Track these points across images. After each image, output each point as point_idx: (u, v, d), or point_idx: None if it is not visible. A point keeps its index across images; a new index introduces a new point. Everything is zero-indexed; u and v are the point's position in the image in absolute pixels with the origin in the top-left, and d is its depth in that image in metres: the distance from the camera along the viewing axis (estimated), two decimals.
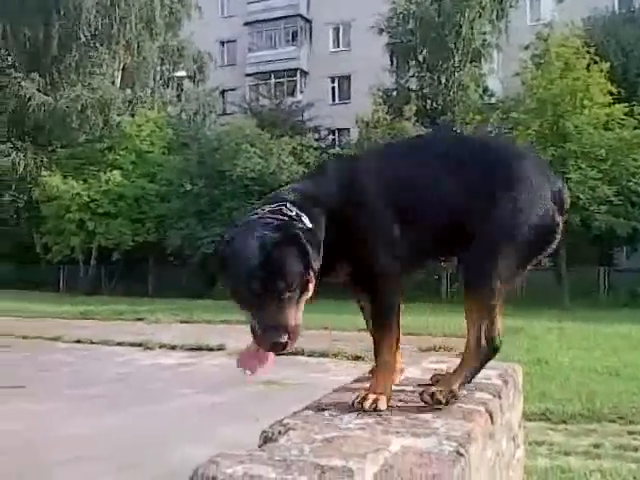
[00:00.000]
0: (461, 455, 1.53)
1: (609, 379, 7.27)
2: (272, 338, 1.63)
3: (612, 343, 10.11)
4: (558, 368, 7.86)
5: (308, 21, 37.87)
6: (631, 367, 7.94)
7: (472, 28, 25.37)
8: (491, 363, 2.14)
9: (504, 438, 2.21)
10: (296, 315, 1.68)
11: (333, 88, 36.61)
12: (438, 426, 1.71)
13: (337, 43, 37.27)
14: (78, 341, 10.41)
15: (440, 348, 8.87)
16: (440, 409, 1.81)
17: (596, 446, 4.99)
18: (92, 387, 7.07)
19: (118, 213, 26.56)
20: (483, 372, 2.54)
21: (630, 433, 5.31)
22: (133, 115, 28.70)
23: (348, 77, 35.85)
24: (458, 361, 2.07)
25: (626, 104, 19.81)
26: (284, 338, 1.63)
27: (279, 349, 1.65)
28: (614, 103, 19.77)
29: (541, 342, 10.11)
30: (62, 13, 29.45)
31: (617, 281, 22.30)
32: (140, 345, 9.75)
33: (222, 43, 39.87)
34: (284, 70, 37.31)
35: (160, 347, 9.58)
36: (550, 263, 25.36)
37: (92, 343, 10.21)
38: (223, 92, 36.69)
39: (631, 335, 11.08)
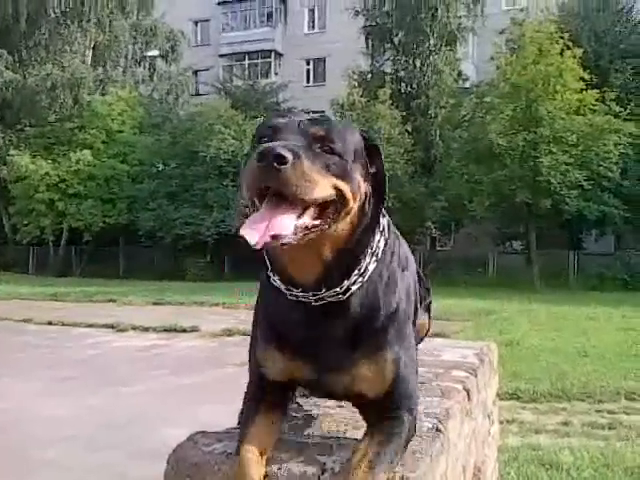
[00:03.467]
0: (440, 432, 1.55)
1: (578, 359, 7.41)
2: (275, 149, 1.16)
3: (581, 325, 10.30)
4: (529, 349, 7.99)
5: (283, 2, 37.46)
6: (599, 348, 8.10)
7: (448, 11, 25.34)
8: (468, 342, 2.15)
9: (480, 415, 2.24)
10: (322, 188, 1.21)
11: (308, 70, 36.35)
12: None
13: (312, 25, 36.95)
14: (49, 323, 10.28)
15: None
16: None
17: (565, 424, 5.10)
18: (64, 369, 6.99)
19: (88, 194, 26.16)
20: (460, 351, 2.56)
21: (598, 411, 5.44)
22: (104, 94, 28.20)
23: (323, 59, 35.61)
24: None
25: (598, 90, 20.02)
26: (288, 155, 1.16)
27: (270, 160, 1.15)
28: (586, 89, 19.97)
29: (512, 324, 10.26)
30: None
31: (586, 264, 22.69)
32: (112, 327, 9.66)
33: (195, 22, 39.25)
34: (258, 51, 36.91)
35: (132, 329, 9.50)
36: (521, 246, 25.76)
37: (63, 325, 10.09)
38: (196, 72, 36.20)
39: (599, 317, 11.30)
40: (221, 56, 37.74)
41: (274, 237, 1.16)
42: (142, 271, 25.58)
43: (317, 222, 1.23)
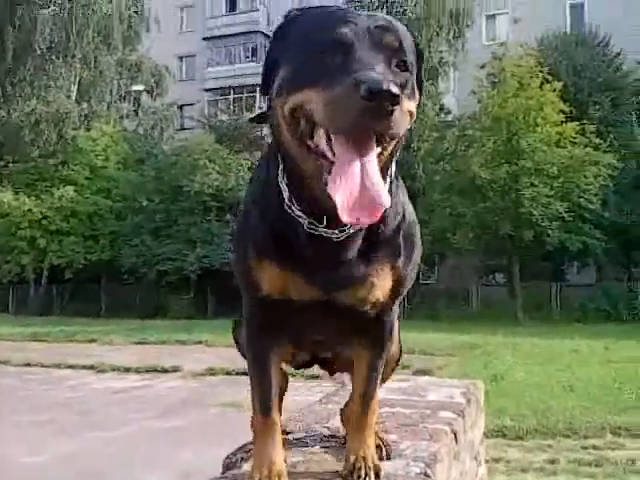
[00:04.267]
0: (428, 476, 1.54)
1: (563, 394, 7.38)
2: (390, 87, 0.99)
3: (565, 358, 10.29)
4: (513, 384, 7.94)
5: (267, 37, 37.97)
6: (583, 382, 8.08)
7: (430, 47, 25.79)
8: (454, 381, 2.14)
9: (467, 457, 2.21)
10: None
11: None
12: (405, 447, 1.70)
13: None
14: (28, 364, 10.07)
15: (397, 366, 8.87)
16: None
17: (552, 462, 5.06)
18: (42, 413, 6.84)
19: (71, 230, 25.94)
20: (446, 390, 2.53)
21: (584, 448, 5.40)
22: (89, 129, 28.21)
23: None
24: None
25: (577, 123, 20.35)
26: (392, 82, 1.02)
27: (385, 102, 0.99)
28: (566, 122, 20.28)
29: (497, 358, 10.22)
30: (17, 25, 28.86)
31: (569, 296, 22.79)
32: (92, 368, 9.50)
33: (181, 58, 39.64)
34: (243, 86, 37.25)
35: (113, 370, 9.34)
36: (503, 279, 25.85)
37: (42, 366, 9.90)
38: (181, 107, 36.41)
39: (583, 350, 11.30)
40: (206, 90, 38.04)
41: (372, 210, 1.06)
42: (124, 309, 25.29)
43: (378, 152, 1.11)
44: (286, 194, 1.24)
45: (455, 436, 1.95)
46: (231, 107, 36.12)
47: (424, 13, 25.50)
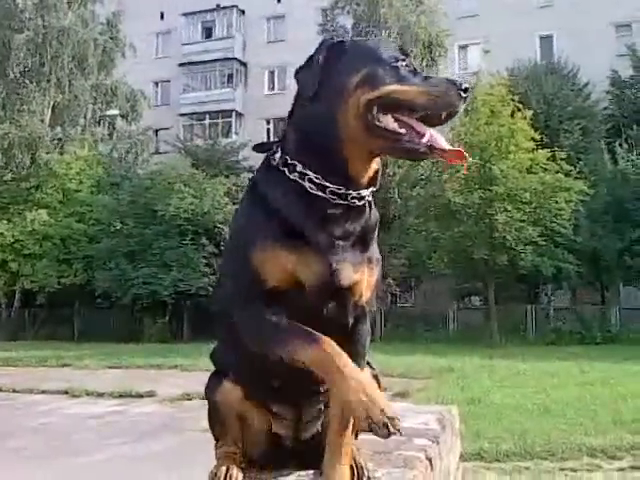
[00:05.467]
0: None
1: (540, 416, 7.42)
2: (462, 82, 1.49)
3: (541, 380, 10.36)
4: (491, 406, 7.97)
5: (243, 64, 38.26)
6: (559, 404, 8.14)
7: None
8: (428, 407, 2.14)
9: None
10: None
11: (268, 129, 36.87)
12: (380, 475, 1.70)
13: (272, 86, 37.70)
14: None
15: None
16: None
17: None
18: (14, 439, 6.68)
19: (43, 254, 25.57)
20: (422, 417, 2.54)
21: (561, 469, 5.43)
22: (62, 153, 28.01)
23: (283, 119, 36.10)
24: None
25: (548, 150, 20.72)
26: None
27: (466, 95, 1.48)
28: (537, 149, 20.63)
29: (474, 380, 10.26)
30: None
31: (544, 319, 23.05)
32: (65, 393, 9.31)
33: (156, 83, 39.72)
34: (219, 111, 37.42)
35: (87, 394, 9.17)
36: (480, 302, 26.05)
37: (14, 392, 9.69)
38: (157, 131, 36.40)
39: (558, 372, 11.40)
40: (182, 115, 38.11)
41: (462, 156, 1.54)
42: (98, 333, 24.94)
43: None
44: (311, 176, 1.50)
45: (430, 462, 1.96)
46: (207, 132, 36.19)
47: (397, 43, 25.89)
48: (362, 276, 1.52)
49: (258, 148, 1.71)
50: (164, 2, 39.16)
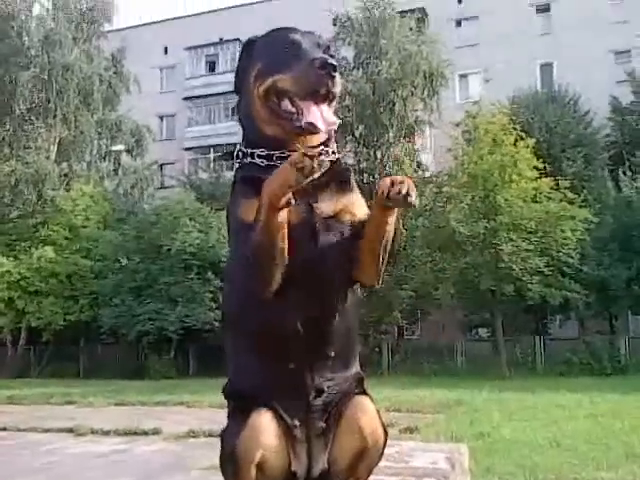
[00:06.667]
0: None
1: (550, 450, 7.29)
2: (331, 61, 1.64)
3: (551, 413, 10.21)
4: (500, 441, 7.84)
5: None
6: (570, 437, 8.00)
7: (405, 106, 26.39)
8: (437, 445, 2.11)
9: None
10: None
11: None
12: None
13: None
14: (3, 429, 9.74)
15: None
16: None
17: None
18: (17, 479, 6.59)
19: (50, 291, 25.54)
20: (431, 456, 2.49)
21: None
22: (68, 189, 28.19)
23: None
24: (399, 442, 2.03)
25: (552, 178, 20.75)
26: (334, 61, 1.65)
27: (330, 69, 1.63)
28: (540, 177, 20.67)
29: (483, 414, 10.11)
30: None
31: (552, 350, 22.80)
32: (70, 431, 9.20)
33: (161, 117, 40.17)
34: (224, 145, 37.75)
35: (92, 433, 9.05)
36: (487, 333, 25.86)
37: (18, 430, 9.59)
38: (162, 166, 36.69)
39: (568, 404, 11.24)
40: (186, 149, 38.45)
41: (330, 124, 1.70)
42: (103, 370, 24.81)
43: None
44: (257, 152, 1.79)
45: None
46: (211, 166, 36.47)
47: (399, 74, 26.21)
48: (347, 202, 1.80)
49: (222, 157, 1.97)
50: (167, 37, 39.85)
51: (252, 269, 1.69)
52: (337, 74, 1.64)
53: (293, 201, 1.58)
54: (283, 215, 1.61)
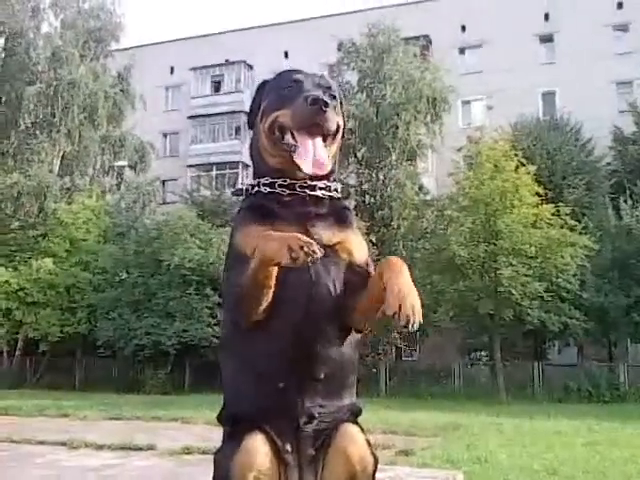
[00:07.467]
0: None
1: (546, 478, 7.21)
2: (322, 97, 1.78)
3: (548, 439, 10.13)
4: (497, 467, 7.76)
5: None
6: (567, 465, 7.92)
7: (408, 130, 26.55)
8: (433, 471, 2.13)
9: None
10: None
11: None
12: None
13: None
14: None
15: (379, 446, 8.64)
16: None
17: None
18: None
19: (48, 302, 25.50)
20: None
21: None
22: (70, 203, 28.26)
23: None
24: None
25: (553, 205, 20.81)
26: (329, 101, 1.80)
27: (321, 104, 1.75)
28: (541, 203, 20.72)
29: (480, 439, 10.03)
30: (2, 100, 29.38)
31: (551, 376, 22.70)
32: (64, 444, 9.12)
33: (165, 135, 40.42)
34: (226, 162, 37.92)
35: (86, 446, 8.97)
36: (486, 357, 25.75)
37: (12, 442, 9.51)
38: (164, 182, 36.81)
39: (566, 431, 11.15)
40: (189, 166, 38.60)
41: (320, 165, 1.78)
42: (99, 383, 24.71)
43: (327, 147, 1.86)
44: (262, 181, 1.92)
45: None
46: (213, 183, 36.60)
47: (402, 99, 26.41)
48: (345, 237, 1.91)
49: (236, 192, 2.06)
50: (174, 57, 40.23)
51: (237, 303, 1.79)
52: (329, 109, 1.77)
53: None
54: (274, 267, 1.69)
